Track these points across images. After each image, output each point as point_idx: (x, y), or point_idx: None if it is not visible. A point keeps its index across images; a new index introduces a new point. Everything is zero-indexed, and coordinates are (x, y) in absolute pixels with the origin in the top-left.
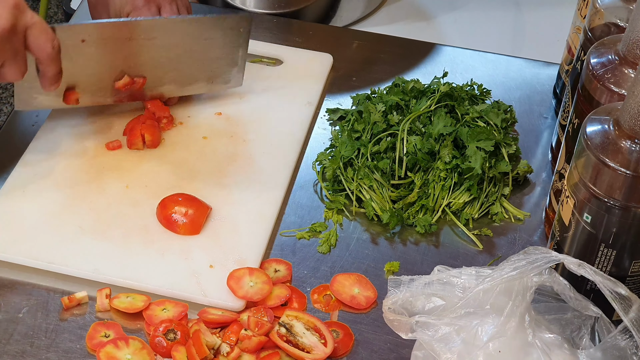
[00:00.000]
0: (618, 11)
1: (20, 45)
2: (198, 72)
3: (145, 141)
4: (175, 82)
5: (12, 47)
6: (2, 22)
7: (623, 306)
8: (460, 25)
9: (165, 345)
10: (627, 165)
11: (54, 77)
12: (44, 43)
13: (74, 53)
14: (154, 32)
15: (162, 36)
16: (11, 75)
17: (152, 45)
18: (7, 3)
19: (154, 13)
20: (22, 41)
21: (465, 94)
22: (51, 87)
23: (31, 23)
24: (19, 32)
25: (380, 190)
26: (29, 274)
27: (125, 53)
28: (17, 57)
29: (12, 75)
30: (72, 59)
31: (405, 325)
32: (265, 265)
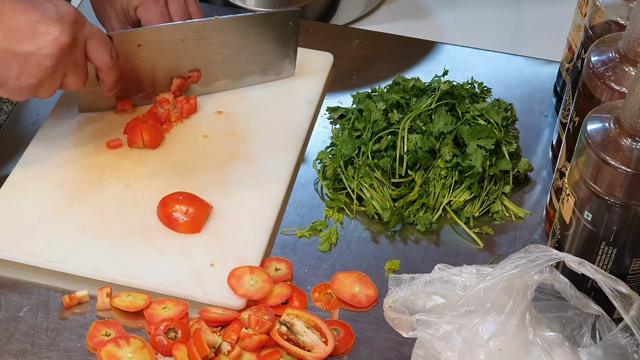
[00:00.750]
0: (618, 9)
1: (81, 57)
2: (251, 66)
3: (144, 141)
4: (228, 77)
5: (74, 59)
6: (64, 37)
7: (624, 304)
8: (461, 23)
9: (166, 344)
10: (627, 163)
11: (114, 83)
12: (103, 53)
13: (131, 57)
14: (206, 32)
15: (214, 35)
16: (73, 84)
17: (205, 45)
18: (68, 19)
19: (161, 7)
20: (83, 53)
21: (465, 92)
22: (111, 92)
23: (90, 35)
24: (79, 45)
25: (380, 188)
26: (29, 273)
27: (180, 54)
28: (79, 68)
29: (74, 84)
30: (129, 64)
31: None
32: (265, 264)
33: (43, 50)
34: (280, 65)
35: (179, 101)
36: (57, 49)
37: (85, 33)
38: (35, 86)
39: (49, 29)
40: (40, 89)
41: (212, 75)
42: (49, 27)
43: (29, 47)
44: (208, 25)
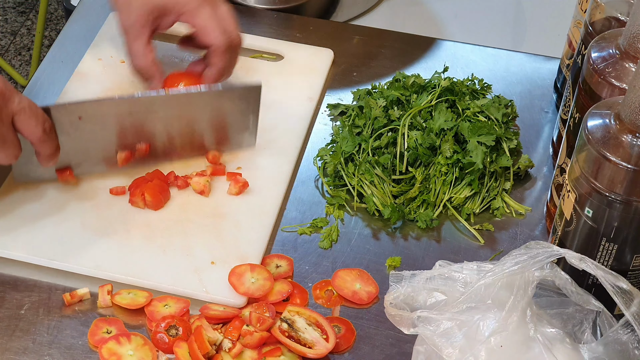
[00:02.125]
0: (619, 5)
1: (8, 131)
2: (207, 140)
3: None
4: (184, 149)
5: (1, 133)
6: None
7: (625, 300)
8: (461, 19)
9: (167, 341)
10: (628, 159)
11: (50, 155)
12: (34, 127)
13: (72, 130)
14: (154, 106)
15: (164, 110)
16: (3, 160)
17: (155, 119)
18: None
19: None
20: (10, 128)
21: (466, 88)
22: (49, 164)
23: (18, 109)
24: (4, 120)
25: (381, 185)
26: (30, 271)
27: (126, 126)
28: (6, 144)
29: (3, 160)
30: (70, 135)
31: (407, 320)
32: (266, 261)
33: None
34: (240, 137)
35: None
36: None
37: (12, 107)
38: None
39: None
40: None
41: (164, 149)
42: None
43: None
44: (157, 100)
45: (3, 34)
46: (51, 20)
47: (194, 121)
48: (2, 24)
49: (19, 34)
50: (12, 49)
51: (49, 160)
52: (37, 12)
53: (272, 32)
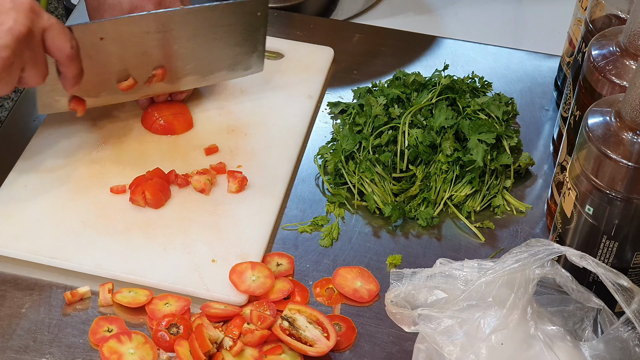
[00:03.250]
0: (619, 3)
1: (39, 48)
2: (218, 61)
3: (146, 199)
4: (196, 73)
5: (31, 51)
6: (19, 26)
7: (625, 298)
8: (461, 17)
9: (168, 340)
10: (628, 157)
11: (75, 77)
12: (63, 44)
13: (93, 51)
14: (171, 23)
15: (180, 27)
16: (32, 80)
17: (171, 37)
18: (23, 7)
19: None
20: (41, 44)
21: (466, 86)
22: (73, 88)
23: (48, 25)
24: (36, 35)
25: (382, 183)
26: (31, 269)
27: (144, 47)
28: (37, 61)
29: (33, 79)
30: (92, 58)
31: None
32: (267, 259)
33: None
34: (249, 59)
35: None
36: (13, 38)
37: (42, 22)
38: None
39: (2, 18)
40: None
41: (179, 72)
42: (1, 17)
43: None
44: (173, 15)
45: None
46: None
47: (205, 40)
48: None
49: None
50: None
51: (74, 84)
52: None
53: (273, 31)
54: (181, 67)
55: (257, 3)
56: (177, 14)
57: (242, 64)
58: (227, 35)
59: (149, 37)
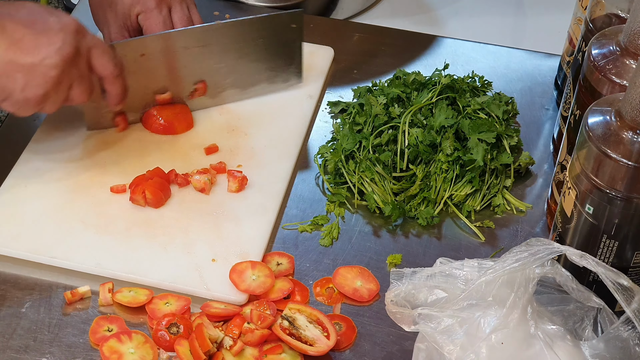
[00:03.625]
0: (619, 2)
1: (85, 67)
2: (257, 74)
3: (146, 199)
4: (236, 86)
5: (78, 69)
6: (67, 47)
7: (625, 297)
8: (462, 17)
9: (168, 339)
10: (629, 156)
11: (120, 94)
12: (107, 62)
13: (136, 67)
14: (208, 38)
15: (217, 41)
16: (79, 97)
17: (208, 52)
18: (70, 28)
19: (164, 15)
20: (87, 63)
21: (466, 86)
22: (118, 105)
23: (93, 44)
24: (82, 54)
25: (382, 182)
26: (31, 269)
27: (184, 63)
28: (83, 79)
29: (79, 97)
30: (135, 74)
31: (408, 318)
32: (267, 259)
33: (47, 61)
34: (287, 71)
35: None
36: (61, 58)
37: (87, 43)
38: (41, 97)
39: (51, 39)
40: (46, 102)
41: (219, 86)
42: (51, 38)
43: (33, 58)
44: (210, 30)
45: None
46: None
47: (243, 53)
48: None
49: None
50: None
51: (119, 101)
52: None
53: None
54: (221, 81)
55: (292, 16)
56: (213, 28)
57: (281, 76)
58: (264, 48)
59: (187, 52)
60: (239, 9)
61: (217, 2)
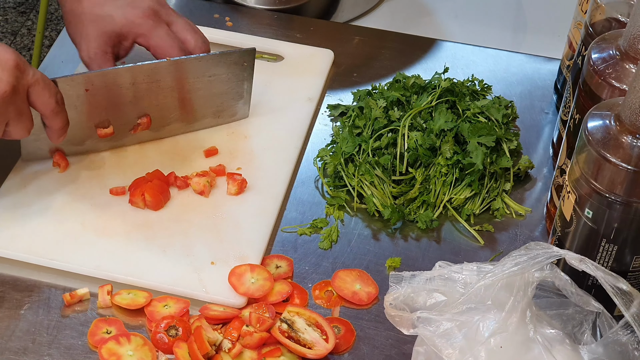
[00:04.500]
0: (619, 6)
1: (24, 104)
2: (204, 109)
3: (146, 201)
4: (181, 121)
5: (16, 107)
6: (3, 85)
7: (624, 301)
8: (461, 20)
9: (166, 342)
10: (628, 160)
11: (61, 129)
12: (48, 99)
13: (78, 102)
14: (157, 75)
15: (166, 78)
16: (17, 133)
17: (156, 88)
18: (8, 65)
19: (166, 31)
20: (25, 100)
21: (466, 89)
22: (59, 139)
23: (33, 81)
24: (21, 92)
25: (381, 186)
26: (30, 271)
27: (130, 98)
28: (22, 116)
29: (17, 133)
30: (77, 109)
31: (407, 321)
32: (266, 262)
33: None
34: (234, 106)
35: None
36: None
37: (27, 79)
38: None
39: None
40: None
41: (164, 120)
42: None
43: None
44: (159, 67)
45: (3, 34)
46: (51, 20)
47: (191, 89)
48: (3, 24)
49: (19, 34)
50: None
51: (59, 135)
52: (38, 12)
53: (273, 33)
54: (166, 115)
55: (243, 54)
56: (163, 65)
57: (228, 111)
58: (212, 85)
59: (134, 87)
60: (238, 12)
61: (217, 5)
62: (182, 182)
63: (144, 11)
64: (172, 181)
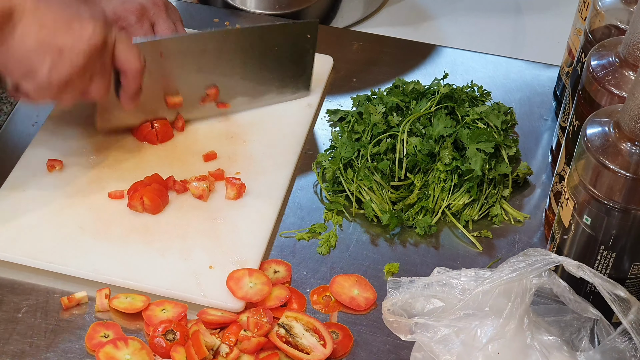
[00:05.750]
0: (619, 13)
1: (109, 60)
2: (268, 82)
3: (144, 205)
4: (246, 94)
5: (102, 61)
6: (96, 37)
7: (622, 308)
8: (461, 26)
9: (164, 346)
10: (627, 167)
11: (136, 93)
12: (133, 57)
13: (154, 67)
14: (227, 42)
15: (234, 46)
16: (98, 91)
17: (225, 56)
18: (100, 19)
19: (146, 29)
20: (111, 57)
21: (465, 95)
22: (131, 104)
23: (119, 38)
24: (109, 47)
25: (380, 191)
26: (28, 274)
27: (200, 66)
28: (105, 73)
29: (98, 91)
30: (152, 74)
31: (405, 327)
32: (264, 266)
33: (76, 47)
34: (297, 82)
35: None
36: (89, 46)
37: (114, 36)
38: (63, 83)
39: (82, 26)
40: (66, 90)
41: (231, 92)
42: (82, 25)
43: (64, 41)
44: (229, 34)
45: None
46: None
47: (258, 60)
48: None
49: None
50: None
51: (134, 100)
52: None
53: None
54: (232, 87)
55: (307, 25)
56: (232, 32)
57: (290, 86)
58: (278, 56)
59: (205, 55)
60: (238, 16)
61: (217, 9)
62: (180, 186)
63: (132, 6)
64: (171, 185)
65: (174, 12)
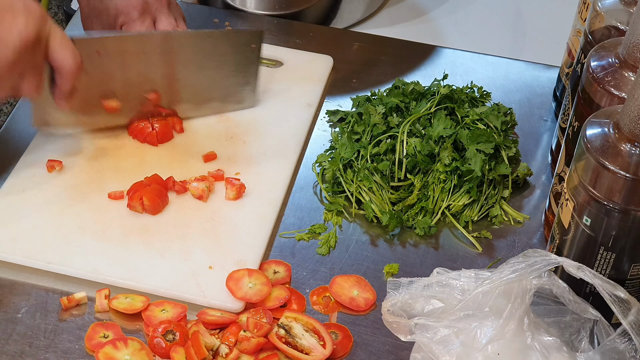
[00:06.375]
0: (618, 14)
1: (42, 57)
2: (211, 90)
3: (144, 206)
4: (189, 101)
5: (34, 58)
6: (29, 30)
7: (622, 309)
8: (461, 27)
9: (164, 346)
10: (626, 168)
11: (70, 92)
12: (68, 54)
13: (90, 66)
14: (170, 45)
15: (177, 50)
16: (29, 88)
17: (167, 60)
18: (35, 13)
19: (147, 25)
20: (44, 54)
21: (465, 96)
22: (66, 104)
23: (53, 34)
24: (41, 42)
25: (379, 192)
26: (28, 274)
27: (140, 68)
28: (37, 70)
29: (30, 88)
30: (87, 73)
31: (404, 328)
32: (264, 267)
33: (7, 39)
34: (241, 93)
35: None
36: (21, 41)
37: (48, 31)
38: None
39: (15, 19)
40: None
41: (173, 99)
42: (15, 17)
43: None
44: (173, 37)
45: None
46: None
47: (200, 67)
48: None
49: None
50: None
51: (67, 100)
52: None
53: (272, 39)
54: (174, 93)
55: (252, 35)
56: (176, 36)
57: (235, 96)
58: (221, 64)
59: (146, 57)
60: (238, 17)
61: (217, 10)
62: (180, 187)
63: (135, 1)
64: (170, 186)
65: (177, 9)
